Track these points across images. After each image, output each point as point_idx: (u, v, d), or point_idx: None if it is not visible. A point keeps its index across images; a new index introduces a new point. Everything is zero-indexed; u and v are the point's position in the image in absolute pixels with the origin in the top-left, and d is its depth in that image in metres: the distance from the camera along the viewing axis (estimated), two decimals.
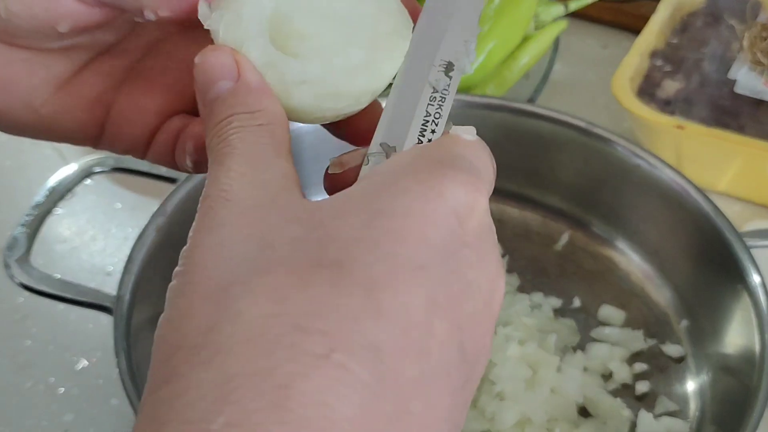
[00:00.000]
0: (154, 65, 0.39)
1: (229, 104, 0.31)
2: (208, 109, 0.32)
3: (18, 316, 0.73)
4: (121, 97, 0.38)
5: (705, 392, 0.63)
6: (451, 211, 0.28)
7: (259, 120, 0.30)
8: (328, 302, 0.25)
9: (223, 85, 0.31)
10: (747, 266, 0.60)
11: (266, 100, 0.31)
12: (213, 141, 0.31)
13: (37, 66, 0.36)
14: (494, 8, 0.79)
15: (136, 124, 0.38)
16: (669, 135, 0.77)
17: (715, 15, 0.86)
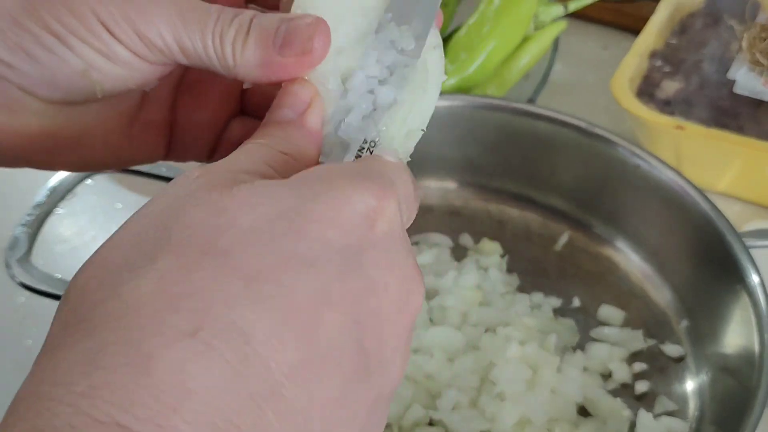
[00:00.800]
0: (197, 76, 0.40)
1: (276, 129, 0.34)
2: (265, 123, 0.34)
3: (19, 315, 0.73)
4: (179, 113, 0.40)
5: (704, 392, 0.63)
6: (359, 215, 0.29)
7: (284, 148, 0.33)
8: (204, 286, 0.26)
9: (286, 113, 0.34)
10: (746, 266, 0.60)
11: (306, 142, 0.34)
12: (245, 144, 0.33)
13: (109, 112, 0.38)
14: (494, 9, 0.79)
15: (198, 135, 0.41)
16: (668, 135, 0.77)
17: (714, 16, 0.86)
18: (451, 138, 0.74)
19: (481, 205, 0.76)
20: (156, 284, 0.26)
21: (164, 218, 0.28)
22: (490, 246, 0.73)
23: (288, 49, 0.34)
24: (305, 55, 0.34)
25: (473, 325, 0.67)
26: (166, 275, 0.27)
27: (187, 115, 0.40)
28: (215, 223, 0.28)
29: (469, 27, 0.79)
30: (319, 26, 0.34)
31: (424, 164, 0.76)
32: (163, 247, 0.27)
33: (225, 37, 0.34)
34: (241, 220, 0.28)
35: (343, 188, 0.29)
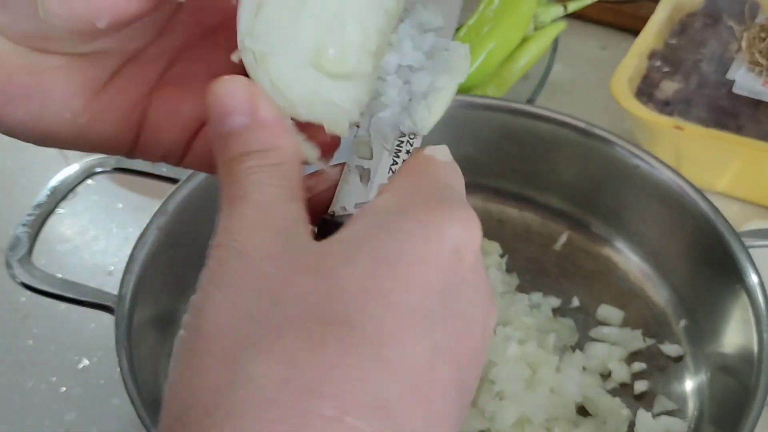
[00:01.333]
0: (184, 71, 0.38)
1: (243, 141, 0.31)
2: (222, 142, 0.31)
3: (20, 315, 0.73)
4: (154, 103, 0.38)
5: (703, 391, 0.63)
6: (451, 250, 0.29)
7: (272, 159, 0.30)
8: (337, 363, 0.25)
9: (238, 120, 0.31)
10: (745, 266, 0.60)
11: (281, 138, 0.31)
12: (225, 178, 0.31)
13: (71, 72, 0.36)
14: (494, 9, 0.79)
15: (172, 131, 0.38)
16: (668, 135, 0.77)
17: (713, 16, 0.86)
18: (451, 138, 0.74)
19: (480, 204, 0.76)
20: (289, 367, 0.25)
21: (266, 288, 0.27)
22: (489, 246, 0.73)
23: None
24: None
25: None
26: (296, 355, 0.25)
27: (163, 107, 0.38)
28: (325, 288, 0.27)
29: (469, 27, 0.80)
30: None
31: None
32: (281, 320, 0.26)
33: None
34: (347, 280, 0.27)
35: (432, 222, 0.29)
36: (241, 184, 0.30)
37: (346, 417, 0.25)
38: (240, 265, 0.28)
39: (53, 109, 0.36)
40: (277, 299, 0.27)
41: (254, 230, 0.29)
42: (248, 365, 0.25)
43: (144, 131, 0.38)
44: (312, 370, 0.25)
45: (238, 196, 0.30)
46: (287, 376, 0.25)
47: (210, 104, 0.32)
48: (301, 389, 0.25)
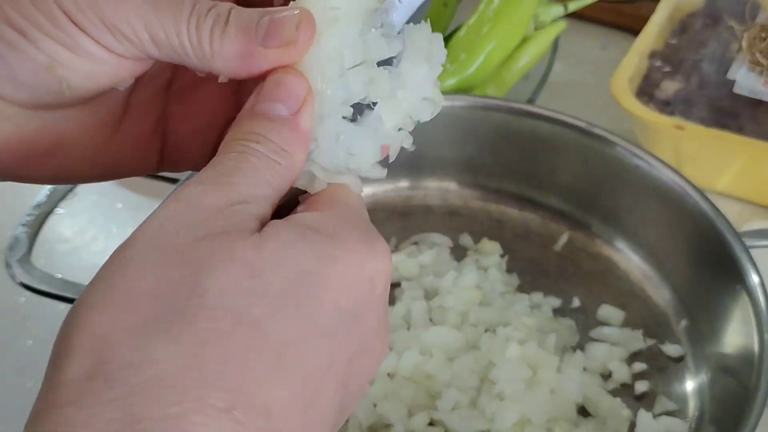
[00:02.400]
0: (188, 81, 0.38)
1: (268, 128, 0.32)
2: (253, 114, 0.32)
3: (19, 316, 0.73)
4: (171, 121, 0.38)
5: (704, 392, 0.63)
6: (366, 278, 0.30)
7: (279, 158, 0.31)
8: (237, 361, 0.27)
9: (279, 108, 0.32)
10: (746, 266, 0.60)
11: (298, 148, 0.32)
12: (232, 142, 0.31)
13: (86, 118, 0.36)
14: (494, 9, 0.79)
15: (196, 143, 0.38)
16: (668, 135, 0.77)
17: (714, 16, 0.86)
18: (451, 138, 0.74)
19: (480, 205, 0.76)
20: (194, 356, 0.26)
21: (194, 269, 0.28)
22: (489, 246, 0.73)
23: (271, 39, 0.32)
24: (290, 46, 0.32)
25: (473, 325, 0.67)
26: (203, 346, 0.27)
27: (179, 124, 0.38)
28: (249, 287, 0.28)
29: (469, 27, 0.80)
30: (304, 17, 0.32)
31: (424, 164, 0.76)
32: (198, 308, 0.27)
33: (202, 26, 0.32)
34: (271, 286, 0.28)
35: (355, 250, 0.30)
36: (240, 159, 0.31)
37: (234, 410, 0.26)
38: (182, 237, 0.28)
39: (77, 157, 0.37)
40: (198, 284, 0.27)
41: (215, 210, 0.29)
42: (156, 347, 0.26)
43: (167, 150, 0.39)
44: (214, 363, 0.27)
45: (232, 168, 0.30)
46: (190, 364, 0.26)
47: (267, 81, 0.32)
48: (200, 379, 0.26)
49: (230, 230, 0.29)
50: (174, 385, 0.26)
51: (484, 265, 0.72)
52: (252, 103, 0.32)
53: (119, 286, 0.28)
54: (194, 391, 0.26)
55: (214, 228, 0.29)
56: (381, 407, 0.62)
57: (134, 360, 0.26)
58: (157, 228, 0.29)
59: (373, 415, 0.62)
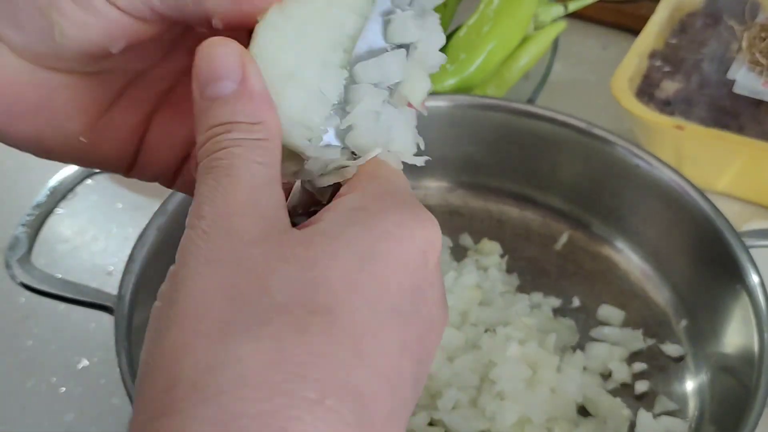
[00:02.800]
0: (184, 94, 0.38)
1: (230, 109, 0.31)
2: (206, 105, 0.31)
3: (19, 315, 0.73)
4: (153, 125, 0.38)
5: (704, 392, 0.63)
6: (420, 251, 0.30)
7: (258, 134, 0.30)
8: (320, 351, 0.27)
9: (227, 85, 0.31)
10: (746, 266, 0.60)
11: (267, 112, 0.31)
12: (208, 146, 0.30)
13: (79, 91, 0.36)
14: (494, 9, 0.79)
15: (166, 153, 0.38)
16: (668, 135, 0.77)
17: (714, 15, 0.86)
18: (451, 138, 0.74)
19: (480, 205, 0.76)
20: (277, 351, 0.26)
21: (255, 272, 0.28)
22: (489, 246, 0.73)
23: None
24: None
25: (473, 325, 0.67)
26: (284, 340, 0.27)
27: (161, 128, 0.38)
28: (311, 279, 0.28)
29: (469, 27, 0.80)
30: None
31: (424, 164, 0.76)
32: (269, 306, 0.27)
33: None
34: (331, 273, 0.28)
35: (404, 224, 0.30)
36: (227, 159, 0.30)
37: (327, 400, 0.26)
38: (228, 245, 0.28)
39: (59, 127, 0.36)
40: (264, 285, 0.28)
41: (243, 212, 0.29)
42: (238, 347, 0.26)
43: (141, 152, 0.38)
44: (298, 356, 0.27)
45: (225, 172, 0.30)
46: (275, 359, 0.26)
47: (198, 65, 0.31)
48: (288, 372, 0.26)
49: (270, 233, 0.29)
50: (262, 381, 0.26)
51: (484, 265, 0.72)
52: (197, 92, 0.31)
53: (186, 301, 0.28)
54: (283, 386, 0.26)
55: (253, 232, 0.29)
56: None
57: (217, 361, 0.26)
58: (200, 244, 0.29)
59: None
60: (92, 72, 0.36)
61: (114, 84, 0.37)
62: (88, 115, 0.37)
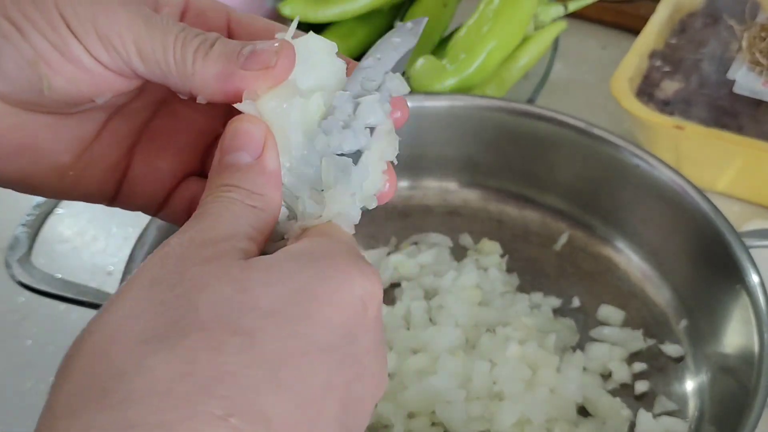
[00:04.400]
0: (164, 126, 0.39)
1: (238, 176, 0.33)
2: (221, 168, 0.33)
3: (19, 315, 0.73)
4: (136, 159, 0.39)
5: (704, 392, 0.63)
6: (358, 298, 0.31)
7: (255, 202, 0.32)
8: (232, 370, 0.27)
9: (243, 157, 0.33)
10: (746, 266, 0.60)
11: (271, 189, 0.33)
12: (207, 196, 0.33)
13: (60, 130, 0.37)
14: (494, 9, 0.79)
15: (151, 186, 0.39)
16: (668, 135, 0.77)
17: (713, 15, 0.86)
18: (451, 138, 0.74)
19: (480, 205, 0.76)
20: (188, 364, 0.27)
21: (187, 289, 0.28)
22: (489, 246, 0.73)
23: (251, 63, 0.33)
24: (268, 69, 0.33)
25: (473, 325, 0.67)
26: (197, 354, 0.27)
27: (143, 162, 0.39)
28: (239, 301, 0.28)
29: (469, 27, 0.80)
30: (284, 46, 0.34)
31: (424, 164, 0.76)
32: (191, 321, 0.28)
33: (187, 45, 0.34)
34: (261, 300, 0.29)
35: (346, 270, 0.31)
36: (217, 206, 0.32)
37: (231, 418, 0.26)
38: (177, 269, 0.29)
39: (42, 166, 0.37)
40: (193, 302, 0.28)
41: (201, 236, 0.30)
42: (150, 356, 0.27)
43: (125, 185, 0.39)
44: (208, 371, 0.27)
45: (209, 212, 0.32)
46: (185, 371, 0.27)
47: (225, 135, 0.33)
48: (196, 385, 0.26)
49: (220, 257, 0.30)
50: (168, 391, 0.26)
51: (484, 264, 0.72)
52: (217, 158, 0.33)
53: (117, 313, 0.29)
54: (190, 398, 0.26)
55: (204, 256, 0.30)
56: (381, 407, 0.62)
57: (128, 369, 0.27)
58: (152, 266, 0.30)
59: (373, 416, 0.62)
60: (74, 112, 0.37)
61: (95, 121, 0.38)
62: (71, 153, 0.38)
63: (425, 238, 0.75)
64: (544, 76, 0.82)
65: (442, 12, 0.84)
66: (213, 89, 0.34)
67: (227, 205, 0.32)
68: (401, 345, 0.66)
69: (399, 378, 0.64)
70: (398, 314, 0.68)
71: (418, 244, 0.75)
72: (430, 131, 0.74)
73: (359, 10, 0.82)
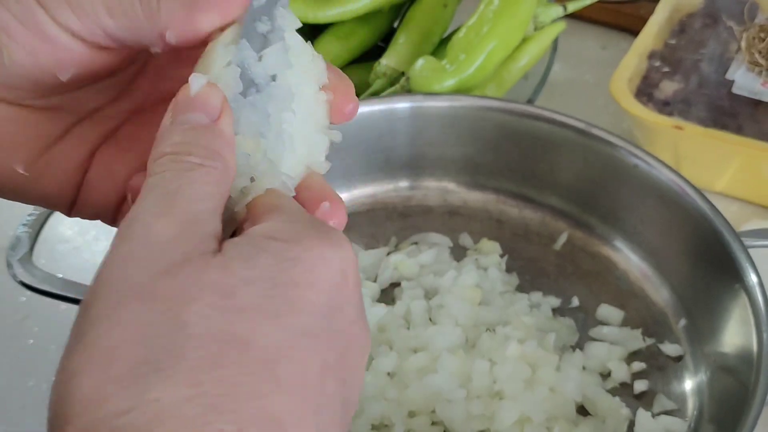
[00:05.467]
0: (131, 133, 0.38)
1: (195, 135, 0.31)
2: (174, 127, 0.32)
3: (20, 315, 0.73)
4: (94, 163, 0.38)
5: (703, 391, 0.63)
6: (338, 271, 0.30)
7: (215, 163, 0.31)
8: (235, 382, 0.27)
9: (200, 117, 0.32)
10: (745, 266, 0.60)
11: (229, 152, 0.32)
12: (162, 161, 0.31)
13: (25, 125, 0.36)
14: (493, 9, 0.79)
15: (106, 191, 0.38)
16: (667, 135, 0.77)
17: (713, 16, 0.87)
18: (451, 138, 0.75)
19: (480, 204, 0.76)
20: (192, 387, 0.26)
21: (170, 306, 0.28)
22: (489, 245, 0.73)
23: None
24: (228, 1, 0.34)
25: (473, 325, 0.67)
26: (198, 375, 0.27)
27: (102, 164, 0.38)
28: (226, 307, 0.28)
29: (468, 28, 0.80)
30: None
31: (424, 164, 0.76)
32: (183, 341, 0.27)
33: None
34: (246, 299, 0.28)
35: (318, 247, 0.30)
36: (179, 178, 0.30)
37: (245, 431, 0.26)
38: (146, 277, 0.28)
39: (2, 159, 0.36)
40: (179, 318, 0.27)
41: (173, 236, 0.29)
42: (152, 388, 0.26)
43: (82, 190, 0.38)
44: (213, 389, 0.27)
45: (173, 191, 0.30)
46: (190, 394, 0.26)
47: (181, 93, 0.32)
48: (203, 406, 0.26)
49: (191, 257, 0.29)
50: (178, 417, 0.26)
51: (483, 264, 0.72)
52: (169, 117, 0.32)
53: (97, 344, 0.27)
54: (200, 420, 0.26)
55: (174, 258, 0.29)
56: (381, 407, 0.62)
57: (131, 405, 0.26)
58: (116, 273, 0.29)
59: (373, 415, 0.62)
60: (41, 107, 0.36)
61: (62, 121, 0.37)
62: (31, 151, 0.37)
63: (425, 238, 0.75)
64: (544, 77, 0.82)
65: (442, 12, 0.85)
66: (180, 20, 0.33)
67: (185, 171, 0.30)
68: (401, 344, 0.66)
69: (399, 377, 0.64)
70: (398, 314, 0.68)
71: (418, 244, 0.75)
72: (430, 131, 0.74)
73: (359, 11, 0.83)
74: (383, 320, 0.67)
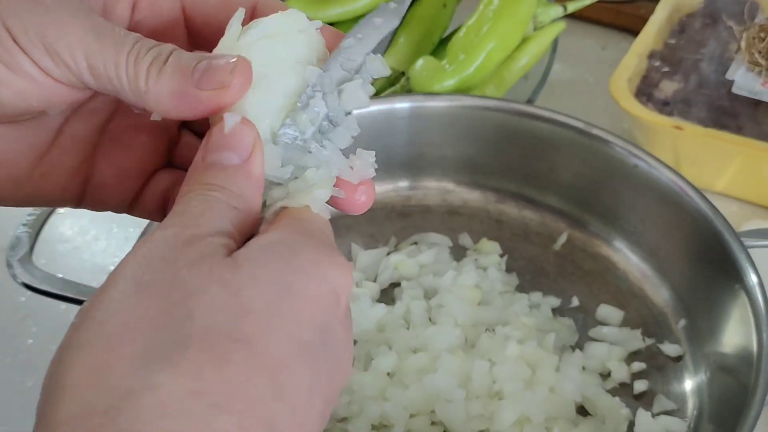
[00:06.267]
0: (124, 125, 0.38)
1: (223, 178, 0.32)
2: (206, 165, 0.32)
3: (20, 315, 0.73)
4: (100, 162, 0.38)
5: (703, 391, 0.63)
6: (331, 291, 0.31)
7: (237, 203, 0.32)
8: (241, 382, 0.27)
9: (230, 158, 0.32)
10: (744, 266, 0.61)
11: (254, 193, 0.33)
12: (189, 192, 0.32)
13: (13, 141, 0.36)
14: (493, 9, 0.79)
15: (119, 187, 0.38)
16: (667, 135, 0.77)
17: (713, 16, 0.87)
18: (451, 138, 0.75)
19: (480, 204, 0.76)
20: (196, 380, 0.27)
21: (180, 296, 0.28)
22: (489, 245, 0.73)
23: (205, 82, 0.33)
24: (223, 90, 0.33)
25: (472, 325, 0.67)
26: (203, 369, 0.27)
27: (107, 164, 0.38)
28: (234, 305, 0.28)
29: (468, 28, 0.80)
30: (239, 64, 0.33)
31: (424, 164, 0.76)
32: (189, 332, 0.27)
33: (140, 62, 0.33)
34: (254, 301, 0.29)
35: (320, 264, 0.31)
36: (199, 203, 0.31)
37: None
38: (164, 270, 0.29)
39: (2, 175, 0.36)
40: (189, 309, 0.28)
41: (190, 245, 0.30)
42: (156, 374, 0.26)
43: (90, 188, 0.38)
44: (218, 386, 0.27)
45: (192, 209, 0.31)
46: (194, 388, 0.26)
47: (213, 131, 0.33)
48: (208, 403, 0.26)
49: (205, 256, 0.29)
50: (180, 410, 0.26)
51: (483, 264, 0.72)
52: (203, 153, 0.33)
53: (111, 322, 0.28)
54: (203, 417, 0.26)
55: (190, 257, 0.29)
56: (381, 407, 0.62)
57: (135, 388, 0.26)
58: (136, 266, 0.29)
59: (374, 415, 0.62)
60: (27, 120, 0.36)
61: (50, 126, 0.37)
62: (28, 161, 0.37)
63: (425, 237, 0.75)
64: (544, 77, 0.82)
65: (441, 12, 0.85)
66: (167, 107, 0.33)
67: (211, 203, 0.31)
68: (401, 344, 0.66)
69: (399, 377, 0.64)
70: (398, 314, 0.68)
71: (418, 243, 0.75)
72: (430, 131, 0.74)
73: (360, 11, 0.83)
74: (383, 320, 0.68)
